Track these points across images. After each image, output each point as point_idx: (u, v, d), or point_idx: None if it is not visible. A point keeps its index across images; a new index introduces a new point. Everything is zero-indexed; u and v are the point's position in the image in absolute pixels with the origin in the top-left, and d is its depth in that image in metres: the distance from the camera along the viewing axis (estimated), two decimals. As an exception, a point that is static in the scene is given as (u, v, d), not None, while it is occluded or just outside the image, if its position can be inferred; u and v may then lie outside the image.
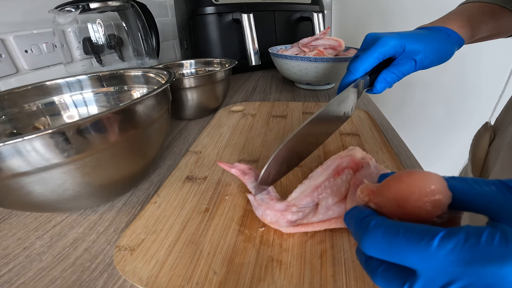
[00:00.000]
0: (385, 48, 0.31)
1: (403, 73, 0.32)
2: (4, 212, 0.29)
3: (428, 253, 0.11)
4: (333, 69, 0.56)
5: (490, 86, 1.01)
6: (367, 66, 0.32)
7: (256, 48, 0.70)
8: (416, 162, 0.34)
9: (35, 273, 0.22)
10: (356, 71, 0.32)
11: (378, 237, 0.13)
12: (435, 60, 0.32)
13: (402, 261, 0.12)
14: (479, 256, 0.10)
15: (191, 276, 0.20)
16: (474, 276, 0.10)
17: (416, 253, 0.11)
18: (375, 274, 0.13)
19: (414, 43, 0.31)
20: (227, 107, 0.52)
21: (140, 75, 0.38)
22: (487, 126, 0.39)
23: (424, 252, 0.11)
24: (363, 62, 0.32)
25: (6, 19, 0.47)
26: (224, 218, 0.25)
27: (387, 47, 0.31)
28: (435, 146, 1.18)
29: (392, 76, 0.32)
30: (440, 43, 0.32)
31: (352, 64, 0.32)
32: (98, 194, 0.26)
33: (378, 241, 0.13)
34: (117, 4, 0.53)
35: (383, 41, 0.31)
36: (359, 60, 0.32)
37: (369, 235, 0.13)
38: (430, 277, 0.11)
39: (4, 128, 0.31)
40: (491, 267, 0.10)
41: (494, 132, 0.38)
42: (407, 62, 0.32)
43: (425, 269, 0.11)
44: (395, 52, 0.32)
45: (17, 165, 0.19)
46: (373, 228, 0.13)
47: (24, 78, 0.50)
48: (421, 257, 0.11)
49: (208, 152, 0.36)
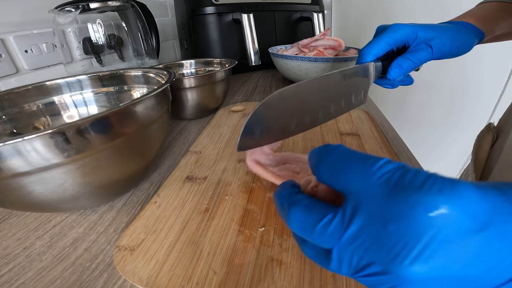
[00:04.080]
0: (396, 33, 0.31)
1: (420, 60, 0.31)
2: (4, 212, 0.29)
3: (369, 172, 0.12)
4: (333, 69, 0.56)
5: (491, 86, 1.01)
6: (378, 51, 0.31)
7: (256, 48, 0.70)
8: (416, 162, 0.34)
9: (35, 273, 0.22)
10: (365, 55, 0.31)
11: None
12: (453, 48, 0.31)
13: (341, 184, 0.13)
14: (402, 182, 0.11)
15: (191, 276, 0.20)
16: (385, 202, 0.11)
17: (359, 174, 0.12)
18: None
19: (427, 31, 0.31)
20: (227, 107, 0.52)
21: (140, 75, 0.38)
22: (490, 127, 0.39)
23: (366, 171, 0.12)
24: (373, 46, 0.31)
25: (6, 19, 0.47)
26: (224, 218, 0.25)
27: (398, 32, 0.31)
28: (435, 147, 1.18)
29: (408, 63, 0.31)
30: (456, 32, 0.31)
31: (362, 49, 0.32)
32: (98, 194, 0.26)
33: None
34: (117, 4, 0.53)
35: (394, 27, 0.31)
36: (369, 45, 0.31)
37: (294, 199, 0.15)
38: (359, 200, 0.12)
39: (4, 128, 0.31)
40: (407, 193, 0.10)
41: (497, 133, 0.38)
42: (424, 48, 0.31)
43: (358, 190, 0.12)
44: (408, 39, 0.31)
45: (17, 165, 0.19)
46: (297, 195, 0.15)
47: (24, 78, 0.50)
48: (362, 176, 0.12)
49: (208, 152, 0.36)
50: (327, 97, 0.25)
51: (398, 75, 0.31)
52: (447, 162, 1.21)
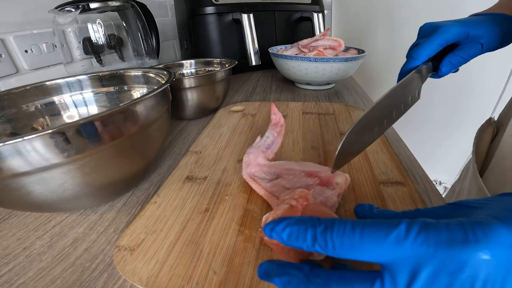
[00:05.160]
0: (449, 35, 0.31)
1: (470, 56, 0.32)
2: (4, 212, 0.29)
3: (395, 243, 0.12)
4: (333, 69, 0.56)
5: (492, 87, 1.01)
6: (430, 52, 0.32)
7: (256, 48, 0.70)
8: (416, 162, 0.34)
9: (35, 273, 0.22)
10: (419, 57, 0.32)
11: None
12: (501, 42, 0.32)
13: (367, 257, 0.12)
14: (443, 238, 0.11)
15: (191, 276, 0.20)
16: (441, 258, 0.11)
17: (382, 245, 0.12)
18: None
19: (477, 29, 0.31)
20: (227, 107, 0.52)
21: (140, 75, 0.38)
22: (490, 122, 0.40)
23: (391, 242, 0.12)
24: (426, 48, 0.32)
25: (6, 19, 0.47)
26: (224, 218, 0.25)
27: (450, 33, 0.31)
28: (436, 147, 1.18)
29: (458, 59, 0.32)
30: (501, 25, 0.32)
31: (414, 50, 0.32)
32: (98, 194, 0.26)
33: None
34: (117, 4, 0.53)
35: (446, 28, 0.31)
36: (422, 46, 0.32)
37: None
38: (398, 266, 0.12)
39: (4, 128, 0.31)
40: (456, 249, 0.11)
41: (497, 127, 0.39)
42: (474, 46, 0.32)
43: (393, 259, 0.12)
44: (459, 39, 0.32)
45: (17, 165, 0.19)
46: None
47: (24, 78, 0.50)
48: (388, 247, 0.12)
49: (208, 152, 0.36)
50: (390, 109, 0.27)
51: (449, 71, 0.33)
52: (448, 162, 1.21)
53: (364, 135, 0.24)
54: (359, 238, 0.12)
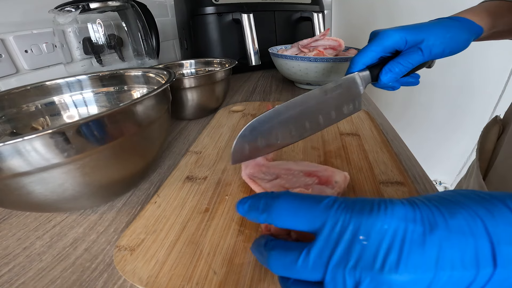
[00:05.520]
0: (385, 41, 0.31)
1: (410, 63, 0.31)
2: (4, 212, 0.29)
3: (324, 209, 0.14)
4: (333, 69, 0.56)
5: (492, 86, 1.01)
6: (367, 60, 0.31)
7: (256, 48, 0.70)
8: (416, 162, 0.34)
9: (35, 273, 0.22)
10: (354, 64, 0.31)
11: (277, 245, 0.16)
12: (446, 47, 0.31)
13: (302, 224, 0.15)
14: (357, 208, 0.14)
15: (191, 276, 0.20)
16: (354, 223, 0.13)
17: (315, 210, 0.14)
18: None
19: (415, 33, 0.30)
20: (227, 107, 0.52)
21: (140, 75, 0.38)
22: (496, 120, 0.40)
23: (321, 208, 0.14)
24: (362, 56, 0.31)
25: (6, 19, 0.47)
26: (224, 218, 0.25)
27: (387, 40, 0.31)
28: (436, 147, 1.18)
29: (399, 67, 0.31)
30: (448, 30, 0.31)
31: (352, 58, 0.32)
32: (98, 194, 0.26)
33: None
34: (117, 4, 0.53)
35: (382, 34, 0.31)
36: (358, 54, 0.32)
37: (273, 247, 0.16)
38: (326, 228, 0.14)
39: (4, 128, 0.31)
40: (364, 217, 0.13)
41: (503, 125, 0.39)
42: (414, 52, 0.31)
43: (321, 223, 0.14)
44: (398, 46, 0.31)
45: (17, 165, 0.19)
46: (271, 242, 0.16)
47: (24, 78, 0.50)
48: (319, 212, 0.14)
49: (208, 152, 0.36)
50: (311, 112, 0.27)
51: (389, 80, 0.31)
52: (448, 162, 1.21)
53: (271, 135, 0.26)
54: (298, 205, 0.15)
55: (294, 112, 0.26)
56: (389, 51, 0.32)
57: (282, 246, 0.15)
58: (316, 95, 0.27)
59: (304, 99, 0.27)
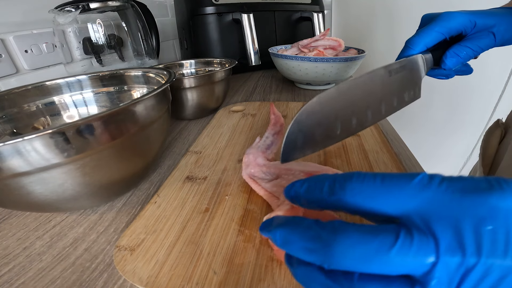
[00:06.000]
0: (451, 22, 0.27)
1: (480, 48, 0.28)
2: (4, 212, 0.29)
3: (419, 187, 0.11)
4: (333, 69, 0.56)
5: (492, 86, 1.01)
6: (429, 40, 0.28)
7: (256, 48, 0.70)
8: (416, 162, 0.34)
9: (35, 273, 0.22)
10: (414, 45, 0.28)
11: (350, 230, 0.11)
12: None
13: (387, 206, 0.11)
14: (468, 185, 0.11)
15: (191, 276, 0.20)
16: (468, 205, 0.10)
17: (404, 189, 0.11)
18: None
19: (486, 18, 0.27)
20: (227, 107, 0.52)
21: (140, 75, 0.38)
22: (498, 123, 0.39)
23: (414, 186, 0.11)
24: (423, 36, 0.28)
25: (6, 19, 0.47)
26: (224, 218, 0.25)
27: (453, 21, 0.27)
28: (436, 147, 1.18)
29: (467, 50, 0.28)
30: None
31: (409, 39, 0.29)
32: (98, 194, 0.26)
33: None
34: (117, 4, 0.53)
35: (448, 15, 0.28)
36: (419, 34, 0.28)
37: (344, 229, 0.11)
38: (424, 215, 0.11)
39: (4, 128, 0.31)
40: (483, 195, 0.10)
41: (505, 129, 0.38)
42: (485, 36, 0.27)
43: (416, 208, 0.11)
44: (464, 28, 0.28)
45: (17, 165, 0.19)
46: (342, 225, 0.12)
47: (24, 78, 0.50)
48: (411, 192, 0.11)
49: (208, 152, 0.36)
50: (374, 97, 0.23)
51: (454, 64, 0.28)
52: (448, 162, 1.21)
53: (331, 122, 0.20)
54: (380, 182, 0.12)
55: (357, 94, 0.22)
56: (452, 33, 0.28)
57: (359, 228, 0.11)
58: (382, 74, 0.23)
59: (368, 78, 0.22)
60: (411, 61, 0.26)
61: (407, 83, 0.26)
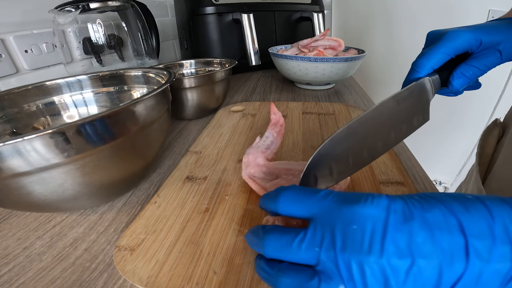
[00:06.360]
0: (456, 42, 0.27)
1: (487, 66, 0.27)
2: (4, 212, 0.29)
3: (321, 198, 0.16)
4: (333, 69, 0.56)
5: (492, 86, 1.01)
6: (435, 62, 0.27)
7: (256, 48, 0.70)
8: (416, 162, 0.34)
9: (35, 273, 0.22)
10: (420, 68, 0.27)
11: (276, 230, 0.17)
12: None
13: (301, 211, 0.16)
14: (347, 199, 0.16)
15: (191, 276, 0.20)
16: (343, 212, 0.15)
17: (313, 198, 0.16)
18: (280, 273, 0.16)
19: (491, 35, 0.27)
20: (227, 107, 0.52)
21: (140, 75, 0.38)
22: (496, 123, 0.39)
23: (319, 198, 0.16)
24: (429, 58, 0.27)
25: (6, 19, 0.47)
26: (224, 218, 0.25)
27: (458, 40, 0.27)
28: (436, 147, 1.18)
29: (473, 70, 0.27)
30: None
31: (415, 61, 0.28)
32: (98, 194, 0.26)
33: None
34: (117, 4, 0.53)
35: (452, 34, 0.27)
36: (424, 56, 0.27)
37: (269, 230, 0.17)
38: (320, 216, 0.16)
39: (4, 128, 0.31)
40: (350, 206, 0.15)
41: (503, 128, 0.38)
42: (491, 54, 0.27)
43: (317, 211, 0.16)
44: (470, 47, 0.27)
45: (17, 165, 0.19)
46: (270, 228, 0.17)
47: (24, 78, 0.50)
48: (316, 201, 0.16)
49: (208, 152, 0.36)
50: (384, 129, 0.23)
51: (462, 85, 0.28)
52: (447, 162, 1.21)
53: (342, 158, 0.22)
54: (301, 194, 0.17)
55: (367, 129, 0.22)
56: (458, 53, 0.28)
57: (280, 229, 0.17)
58: (390, 105, 0.23)
59: (377, 112, 0.23)
60: (418, 86, 0.26)
61: (415, 108, 0.26)
